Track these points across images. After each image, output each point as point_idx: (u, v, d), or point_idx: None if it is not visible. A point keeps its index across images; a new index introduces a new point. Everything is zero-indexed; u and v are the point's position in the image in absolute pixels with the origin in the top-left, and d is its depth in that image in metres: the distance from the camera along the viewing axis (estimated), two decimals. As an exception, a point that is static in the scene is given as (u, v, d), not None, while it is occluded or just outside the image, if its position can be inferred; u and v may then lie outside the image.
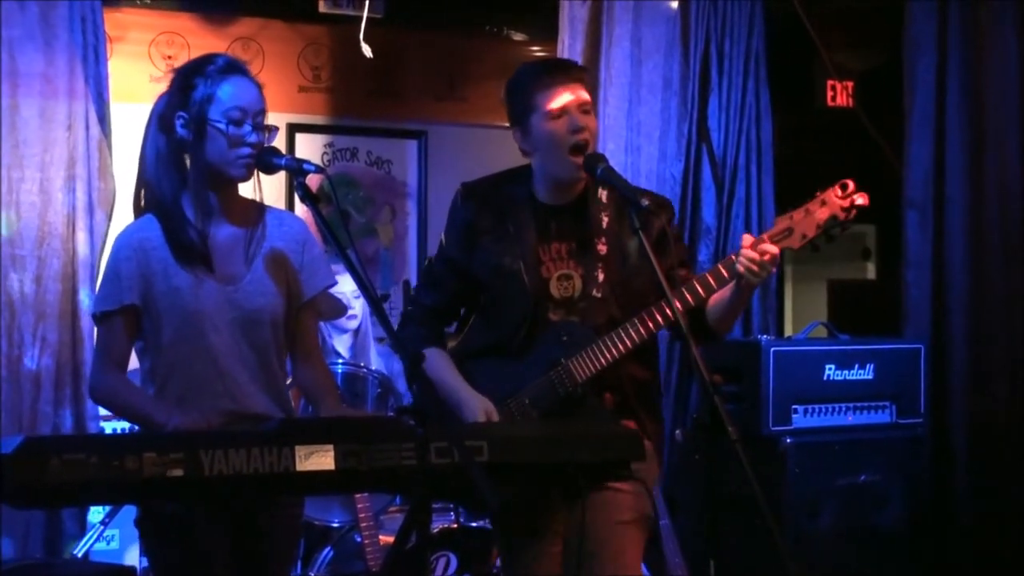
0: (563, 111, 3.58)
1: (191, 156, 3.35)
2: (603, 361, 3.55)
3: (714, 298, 3.59)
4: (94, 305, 3.42)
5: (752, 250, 3.42)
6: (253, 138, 3.32)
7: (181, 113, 3.33)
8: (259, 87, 3.39)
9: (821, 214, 3.43)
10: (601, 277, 3.62)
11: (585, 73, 3.78)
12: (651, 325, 3.52)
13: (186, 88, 3.34)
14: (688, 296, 3.50)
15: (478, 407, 3.59)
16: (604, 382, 3.61)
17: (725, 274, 3.48)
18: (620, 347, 3.54)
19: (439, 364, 3.74)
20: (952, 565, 5.83)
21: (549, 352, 3.61)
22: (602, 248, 3.63)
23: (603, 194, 3.66)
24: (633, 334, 3.53)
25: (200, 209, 3.37)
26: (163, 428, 3.16)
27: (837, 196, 3.42)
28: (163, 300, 3.33)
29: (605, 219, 3.65)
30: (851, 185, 3.43)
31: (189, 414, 3.20)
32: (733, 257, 3.46)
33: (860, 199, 3.42)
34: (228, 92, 3.31)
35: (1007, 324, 5.89)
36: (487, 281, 3.71)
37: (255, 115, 3.34)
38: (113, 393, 3.38)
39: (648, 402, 3.74)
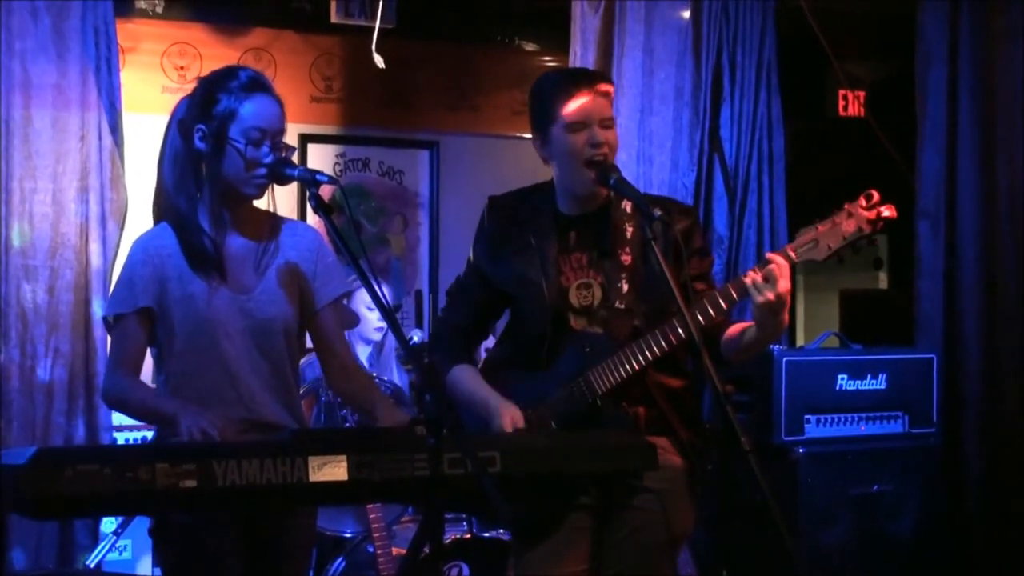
0: (585, 124, 3.55)
1: (207, 168, 3.36)
2: (623, 373, 3.52)
3: (734, 330, 3.57)
4: (107, 308, 3.42)
5: (759, 266, 3.41)
6: (270, 159, 3.32)
7: (201, 126, 3.34)
8: (281, 106, 3.39)
9: (847, 226, 3.41)
10: (625, 288, 3.60)
11: (611, 87, 3.72)
12: (672, 339, 3.48)
13: (208, 101, 3.34)
14: (711, 310, 3.46)
15: (503, 412, 3.56)
16: (635, 396, 3.59)
17: (734, 294, 3.45)
18: (640, 359, 3.51)
19: (465, 377, 3.75)
20: (966, 575, 5.81)
21: (571, 364, 3.59)
22: (626, 259, 3.61)
23: (627, 204, 3.63)
24: (654, 347, 3.49)
25: (214, 220, 3.38)
26: (175, 419, 3.15)
27: (862, 207, 3.40)
28: (177, 306, 3.34)
29: (629, 230, 3.63)
30: (875, 195, 3.40)
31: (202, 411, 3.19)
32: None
33: (887, 211, 3.39)
34: (250, 111, 3.32)
35: (1020, 334, 5.87)
36: (510, 293, 3.71)
37: (274, 135, 3.35)
38: (124, 393, 3.38)
39: (683, 411, 3.68)
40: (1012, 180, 5.92)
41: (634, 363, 3.51)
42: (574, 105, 3.55)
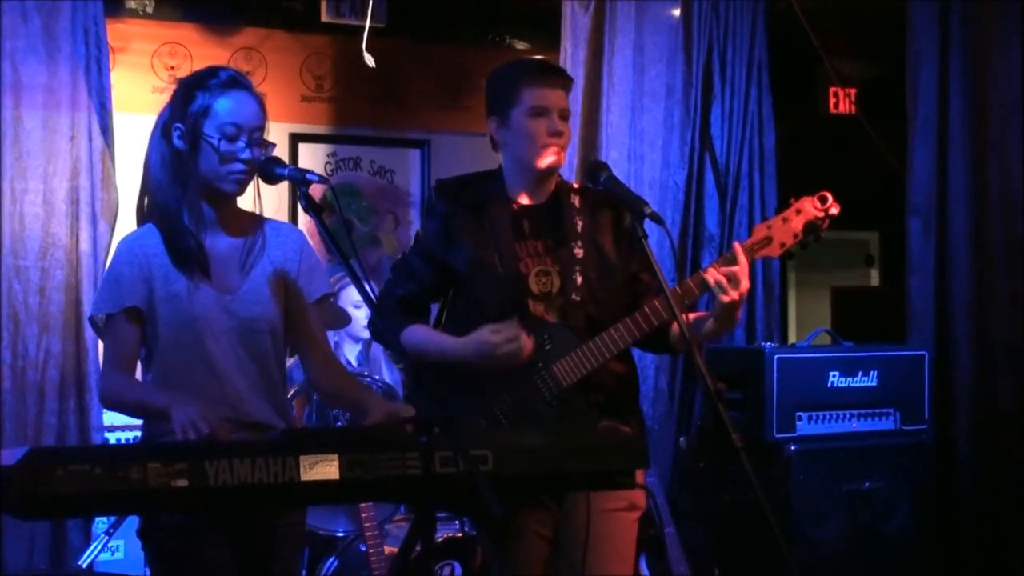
0: (547, 111, 3.67)
1: (187, 167, 3.35)
2: (589, 366, 3.59)
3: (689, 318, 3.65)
4: (93, 308, 3.40)
5: (719, 263, 3.55)
6: (247, 155, 3.31)
7: (178, 124, 3.33)
8: (260, 103, 3.38)
9: (797, 223, 3.59)
10: (579, 280, 3.67)
11: (571, 82, 3.88)
12: (636, 332, 3.57)
13: (186, 100, 3.33)
14: (686, 302, 3.57)
15: (514, 335, 3.55)
16: (588, 381, 3.64)
17: (695, 290, 3.56)
18: (606, 352, 3.59)
19: (426, 333, 3.76)
20: (958, 571, 5.82)
21: (532, 356, 3.61)
22: (579, 251, 3.69)
23: (575, 199, 3.75)
24: (618, 339, 3.58)
25: (195, 220, 3.37)
26: (167, 412, 3.14)
27: (815, 207, 3.58)
28: (163, 305, 3.33)
29: (580, 223, 3.72)
30: (830, 198, 3.58)
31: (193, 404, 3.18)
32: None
33: (835, 209, 3.58)
34: (225, 106, 3.31)
35: (1011, 330, 5.88)
36: (465, 275, 3.72)
37: (252, 131, 3.33)
38: (119, 393, 3.36)
39: (630, 397, 3.79)
40: (1003, 178, 5.93)
41: (599, 356, 3.60)
42: (539, 92, 3.68)
